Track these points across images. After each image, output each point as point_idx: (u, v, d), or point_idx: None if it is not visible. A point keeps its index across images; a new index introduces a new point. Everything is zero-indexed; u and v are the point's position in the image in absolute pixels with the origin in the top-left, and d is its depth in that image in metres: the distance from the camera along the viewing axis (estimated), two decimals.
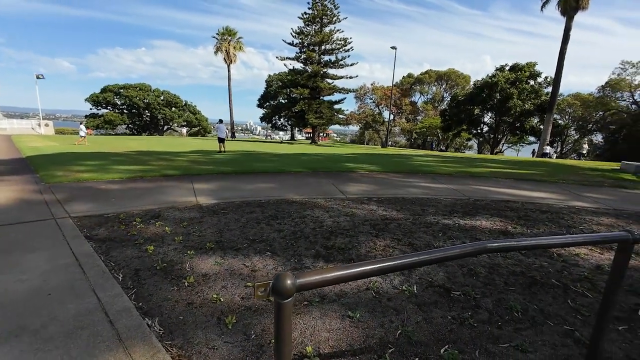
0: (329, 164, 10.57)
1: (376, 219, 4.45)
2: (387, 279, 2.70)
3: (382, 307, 2.31)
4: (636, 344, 2.04)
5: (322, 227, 3.98)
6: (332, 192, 6.12)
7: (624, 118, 33.69)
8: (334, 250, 3.30)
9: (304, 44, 35.26)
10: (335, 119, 37.49)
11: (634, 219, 5.12)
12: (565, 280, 2.83)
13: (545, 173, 10.40)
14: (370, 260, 1.00)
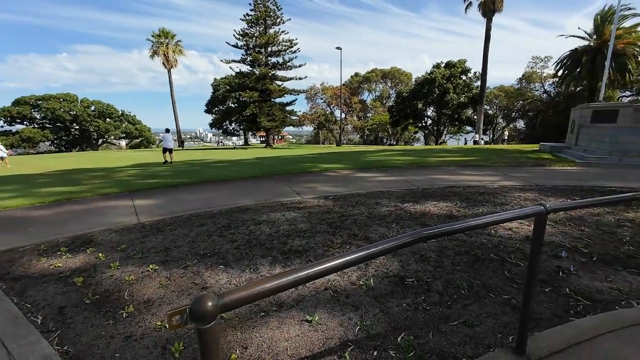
0: (284, 166, 10.44)
1: (332, 217, 4.48)
2: (344, 276, 2.71)
3: (340, 305, 2.30)
4: (560, 302, 2.32)
5: (279, 232, 3.88)
6: (288, 195, 6.03)
7: (538, 105, 38.97)
8: (291, 254, 3.22)
9: (249, 45, 34.43)
10: (288, 120, 37.23)
11: (551, 191, 5.90)
12: (502, 254, 3.13)
13: (481, 158, 11.54)
14: (307, 265, 0.96)
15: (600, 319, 2.05)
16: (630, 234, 3.61)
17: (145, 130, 53.98)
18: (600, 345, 1.78)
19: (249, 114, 34.58)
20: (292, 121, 38.64)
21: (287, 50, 34.76)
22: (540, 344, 1.79)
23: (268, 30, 34.18)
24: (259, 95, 34.03)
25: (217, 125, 48.38)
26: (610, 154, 9.72)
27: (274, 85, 34.54)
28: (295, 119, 39.33)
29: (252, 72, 34.99)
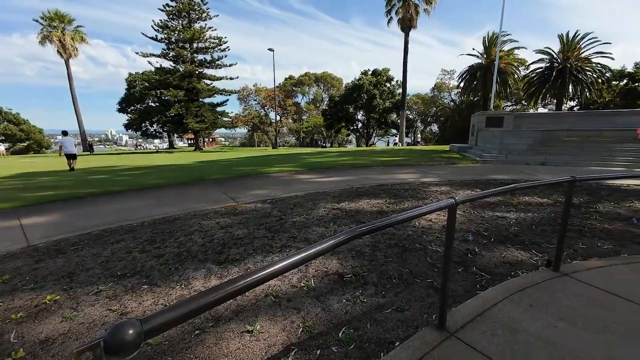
0: (217, 171, 9.85)
1: (271, 221, 4.40)
2: (285, 280, 2.69)
3: (282, 310, 2.27)
4: (470, 279, 2.73)
5: (213, 241, 3.63)
6: (222, 201, 5.69)
7: (447, 112, 45.41)
8: (228, 264, 3.05)
9: (171, 39, 31.46)
10: (219, 122, 35.19)
11: (459, 185, 6.92)
12: (425, 243, 3.53)
13: (404, 158, 12.84)
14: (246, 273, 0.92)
15: (497, 288, 2.48)
16: (515, 217, 4.47)
17: (35, 132, 44.58)
18: (500, 309, 2.16)
19: (173, 115, 31.58)
20: (223, 123, 36.67)
21: (216, 48, 32.92)
22: (456, 318, 2.08)
23: (193, 24, 31.82)
24: (184, 95, 31.37)
25: (135, 127, 42.83)
26: (499, 152, 11.90)
27: (202, 84, 32.28)
28: (227, 120, 37.44)
29: (175, 68, 32.06)
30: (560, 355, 1.74)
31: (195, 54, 32.73)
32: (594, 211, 4.75)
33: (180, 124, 32.47)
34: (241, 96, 48.43)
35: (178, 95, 30.76)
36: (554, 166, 9.96)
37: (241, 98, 48.79)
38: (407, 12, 29.56)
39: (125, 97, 43.36)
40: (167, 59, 32.08)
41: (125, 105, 43.53)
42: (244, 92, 48.15)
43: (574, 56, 28.91)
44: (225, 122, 37.40)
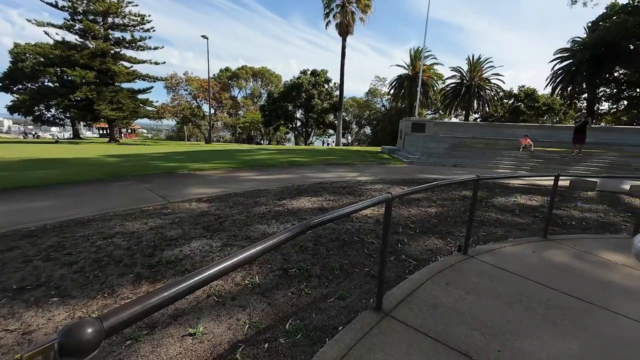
0: (141, 166, 8.79)
1: (209, 220, 4.17)
2: (228, 279, 2.61)
3: (226, 309, 2.21)
4: (400, 266, 3.08)
5: (141, 243, 3.27)
6: (149, 199, 5.13)
7: (379, 116, 49.12)
8: (161, 267, 2.80)
9: (78, 9, 26.59)
10: (141, 111, 31.14)
11: (391, 183, 7.63)
12: (362, 236, 3.82)
13: (342, 157, 13.49)
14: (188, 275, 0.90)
15: (422, 272, 2.87)
16: (435, 211, 5.17)
17: None
18: (424, 289, 2.51)
19: (81, 99, 26.80)
20: (147, 112, 32.66)
21: (138, 26, 29.09)
22: (391, 299, 2.34)
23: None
24: (95, 77, 26.91)
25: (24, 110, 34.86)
26: (422, 154, 13.48)
27: (119, 67, 28.17)
28: (151, 110, 33.44)
29: (83, 44, 27.27)
30: (468, 320, 2.13)
31: (111, 31, 28.35)
32: (491, 205, 5.81)
33: (89, 111, 27.71)
34: (169, 84, 43.64)
35: (87, 76, 26.20)
36: (463, 167, 11.77)
37: (169, 87, 43.97)
38: (344, 18, 30.94)
39: (10, 72, 34.92)
40: (71, 32, 27.02)
41: (9, 82, 35.08)
42: (172, 80, 43.47)
43: (478, 76, 34.51)
44: (149, 112, 33.37)
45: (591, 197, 6.87)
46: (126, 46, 29.05)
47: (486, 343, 1.91)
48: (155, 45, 29.96)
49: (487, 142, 15.35)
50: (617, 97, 30.37)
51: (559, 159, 12.46)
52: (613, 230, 4.71)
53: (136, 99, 30.28)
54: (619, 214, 5.58)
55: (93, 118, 29.57)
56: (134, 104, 29.63)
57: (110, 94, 27.66)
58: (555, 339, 2.00)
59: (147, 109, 31.98)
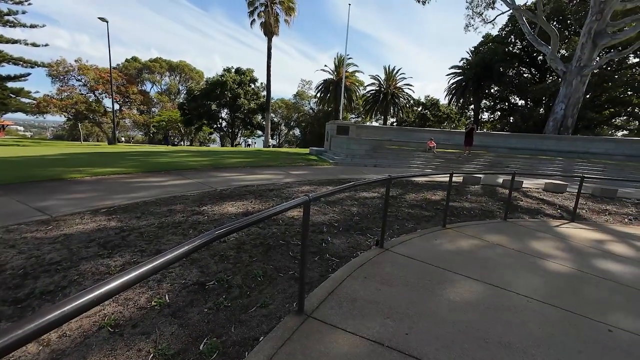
0: (9, 172, 6.97)
1: (107, 235, 3.54)
2: (129, 303, 2.24)
3: (124, 340, 1.89)
4: (324, 265, 3.16)
5: (4, 272, 2.56)
6: (21, 214, 4.09)
7: (307, 118, 50.22)
8: (33, 300, 2.23)
9: None
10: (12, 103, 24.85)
11: (317, 184, 7.84)
12: (287, 238, 3.79)
13: (269, 159, 13.27)
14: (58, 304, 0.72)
15: (343, 269, 3.00)
16: (357, 210, 5.50)
17: None
18: (344, 286, 2.62)
19: None
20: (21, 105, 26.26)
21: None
22: (313, 300, 2.36)
23: None
24: None
25: None
26: (346, 156, 14.29)
27: None
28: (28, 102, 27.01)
29: None
30: (382, 309, 2.31)
31: None
32: (404, 200, 6.51)
33: None
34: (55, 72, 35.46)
35: None
36: (382, 167, 12.94)
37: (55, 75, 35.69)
38: (269, 18, 30.62)
39: None
40: None
41: None
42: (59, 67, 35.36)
43: (393, 85, 38.54)
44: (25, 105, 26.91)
45: (477, 190, 8.36)
46: None
47: (396, 328, 2.10)
48: (33, 23, 24.30)
49: (401, 145, 17.24)
50: (494, 108, 37.99)
51: (455, 159, 14.82)
52: (491, 216, 5.81)
53: (4, 88, 24.02)
54: (495, 203, 6.93)
55: None
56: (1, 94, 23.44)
57: None
58: (449, 313, 2.32)
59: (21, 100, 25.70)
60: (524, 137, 18.73)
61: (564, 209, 6.84)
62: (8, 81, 24.58)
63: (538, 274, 3.25)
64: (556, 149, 16.90)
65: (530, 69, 33.44)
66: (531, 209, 6.65)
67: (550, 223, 5.61)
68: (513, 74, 33.67)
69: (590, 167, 13.70)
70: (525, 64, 32.97)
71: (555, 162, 14.54)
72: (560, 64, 19.63)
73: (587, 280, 3.22)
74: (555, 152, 16.56)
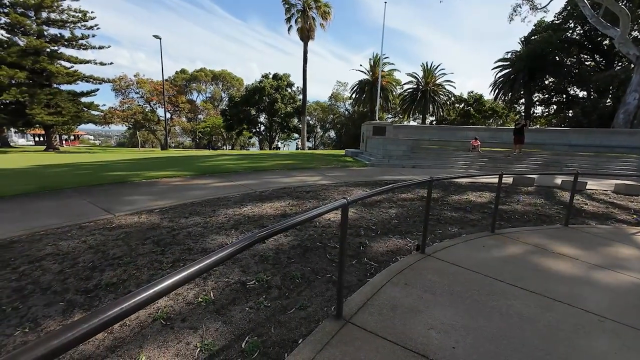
0: (81, 177, 7.94)
1: (160, 233, 3.84)
2: (179, 298, 2.40)
3: (175, 332, 2.02)
4: (362, 269, 3.09)
5: (76, 265, 2.90)
6: (91, 214, 4.62)
7: (343, 120, 50.16)
8: (100, 291, 2.49)
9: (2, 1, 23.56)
10: (85, 115, 28.27)
11: (354, 185, 7.75)
12: (325, 241, 3.78)
13: (305, 161, 13.46)
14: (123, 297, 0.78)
15: (382, 274, 2.90)
16: (395, 212, 5.32)
17: None
18: (384, 292, 2.53)
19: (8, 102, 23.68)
20: (92, 117, 29.77)
21: (79, 23, 26.52)
22: (351, 305, 2.31)
23: None
24: (27, 77, 24.00)
25: None
26: (383, 157, 13.95)
27: (57, 67, 25.41)
28: (97, 114, 30.57)
29: (11, 41, 24.18)
30: (425, 319, 2.18)
31: (46, 26, 25.51)
32: (446, 203, 6.15)
33: (20, 115, 24.57)
34: (118, 87, 40.21)
35: (17, 76, 23.22)
36: (421, 168, 12.40)
37: (118, 89, 40.50)
38: (305, 23, 31.22)
39: None
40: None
41: None
42: (121, 82, 40.08)
43: (432, 82, 36.86)
44: (95, 117, 30.45)
45: (530, 192, 7.61)
46: (65, 44, 26.31)
47: (441, 341, 1.96)
48: (101, 45, 27.54)
49: (442, 144, 16.38)
50: (548, 102, 34.41)
51: (502, 158, 13.68)
52: (549, 221, 5.23)
53: (78, 103, 27.50)
54: (553, 206, 6.23)
55: (26, 123, 26.23)
56: (76, 108, 26.86)
57: (46, 96, 24.76)
58: (501, 329, 2.11)
59: (91, 113, 29.17)
60: (586, 132, 16.66)
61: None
62: (81, 97, 28.20)
63: (610, 289, 2.84)
64: (628, 144, 14.75)
65: (593, 55, 29.73)
66: (598, 213, 5.87)
67: (624, 230, 4.89)
68: (572, 63, 30.20)
69: None
70: (587, 50, 29.39)
71: (627, 159, 12.70)
72: (632, 47, 17.16)
73: None
74: (628, 149, 14.45)
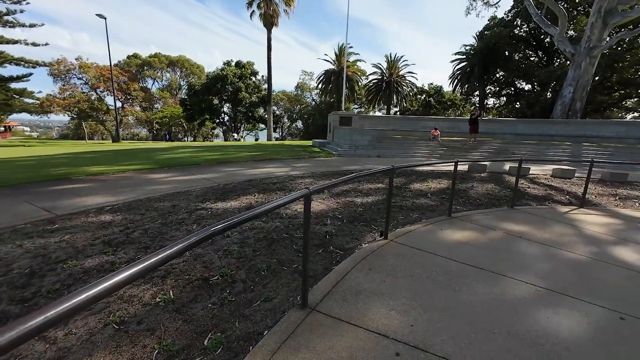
0: (19, 174, 7.05)
1: (112, 233, 3.55)
2: (134, 300, 2.25)
3: (130, 336, 1.90)
4: (328, 258, 3.13)
5: (10, 272, 2.58)
6: (28, 215, 4.13)
7: (310, 110, 49.84)
8: (40, 298, 2.25)
9: None
10: (16, 103, 25.04)
11: (320, 176, 7.79)
12: (291, 232, 3.77)
13: (272, 152, 13.22)
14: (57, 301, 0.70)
15: (347, 261, 2.97)
16: (360, 201, 5.45)
17: None
18: (349, 278, 2.59)
19: None
20: (25, 105, 26.48)
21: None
22: (316, 293, 2.34)
23: None
24: None
25: None
26: (349, 147, 14.17)
27: None
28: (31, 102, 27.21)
29: None
30: (387, 301, 2.28)
31: None
32: (408, 190, 6.44)
33: None
34: (56, 71, 35.60)
35: None
36: (385, 157, 12.81)
37: (56, 74, 35.83)
38: (268, 9, 30.11)
39: None
40: None
41: None
42: (60, 66, 35.44)
43: (395, 73, 37.85)
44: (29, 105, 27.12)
45: (483, 177, 8.24)
46: None
47: (401, 320, 2.07)
48: (32, 22, 24.26)
49: (405, 134, 17.03)
50: (499, 94, 37.19)
51: (460, 147, 14.61)
52: (498, 204, 5.71)
53: (7, 89, 24.18)
54: (502, 190, 6.81)
55: None
56: (5, 95, 23.63)
57: None
58: (455, 305, 2.29)
59: (24, 101, 25.88)
60: (530, 122, 18.34)
61: (573, 194, 6.70)
62: (11, 82, 24.73)
63: (549, 263, 3.19)
64: (564, 133, 16.53)
65: (537, 52, 32.53)
66: (539, 195, 6.54)
67: (559, 209, 5.51)
68: (519, 58, 32.80)
69: (600, 151, 13.39)
70: (531, 47, 32.06)
71: (563, 147, 14.25)
72: (568, 45, 19.03)
73: (599, 267, 3.15)
74: (564, 137, 16.21)
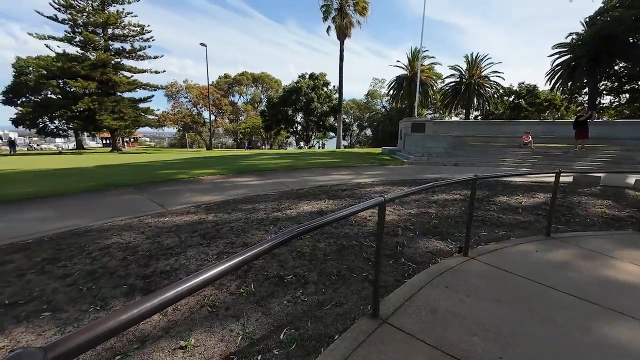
0: (138, 175, 8.80)
1: (206, 227, 4.13)
2: (223, 289, 2.56)
3: (220, 319, 2.16)
4: (399, 269, 3.01)
5: (136, 254, 3.24)
6: (147, 209, 5.12)
7: (379, 117, 49.13)
8: (155, 277, 2.76)
9: (78, 22, 26.99)
10: (143, 120, 31.47)
11: (391, 184, 7.57)
12: (360, 239, 3.76)
13: (342, 160, 13.44)
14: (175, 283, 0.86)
15: (421, 275, 2.80)
16: (435, 212, 5.09)
17: None
18: (423, 293, 2.44)
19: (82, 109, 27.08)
20: (148, 121, 32.98)
21: (137, 36, 29.45)
22: (388, 305, 2.28)
23: (107, 7, 27.86)
24: (97, 87, 27.25)
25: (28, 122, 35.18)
26: (422, 154, 13.40)
27: (119, 77, 28.50)
28: (152, 118, 33.77)
29: (84, 56, 27.61)
30: (468, 324, 2.06)
31: (111, 41, 28.70)
32: (492, 203, 5.73)
33: (91, 121, 28.00)
34: (170, 92, 44.08)
35: (89, 87, 26.53)
36: (464, 166, 11.67)
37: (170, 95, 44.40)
38: (342, 21, 31.07)
39: (13, 85, 35.33)
40: (72, 44, 27.43)
41: (13, 95, 35.48)
42: (172, 88, 43.90)
43: (477, 74, 34.38)
44: (151, 121, 33.70)
45: (595, 192, 6.76)
46: (126, 56, 29.41)
47: (486, 349, 1.84)
48: (155, 54, 30.37)
49: (487, 140, 15.24)
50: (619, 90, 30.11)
51: (560, 155, 12.32)
52: (618, 226, 4.60)
53: (137, 108, 30.59)
54: (624, 209, 5.47)
55: (95, 128, 29.89)
56: (135, 113, 29.92)
57: (111, 103, 27.94)
58: (557, 342, 1.92)
59: (148, 117, 32.30)
60: None
61: None
62: (139, 103, 31.38)
63: None
64: None
65: None
66: None
67: None
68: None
69: None
70: None
71: None
72: None
73: None
74: None
